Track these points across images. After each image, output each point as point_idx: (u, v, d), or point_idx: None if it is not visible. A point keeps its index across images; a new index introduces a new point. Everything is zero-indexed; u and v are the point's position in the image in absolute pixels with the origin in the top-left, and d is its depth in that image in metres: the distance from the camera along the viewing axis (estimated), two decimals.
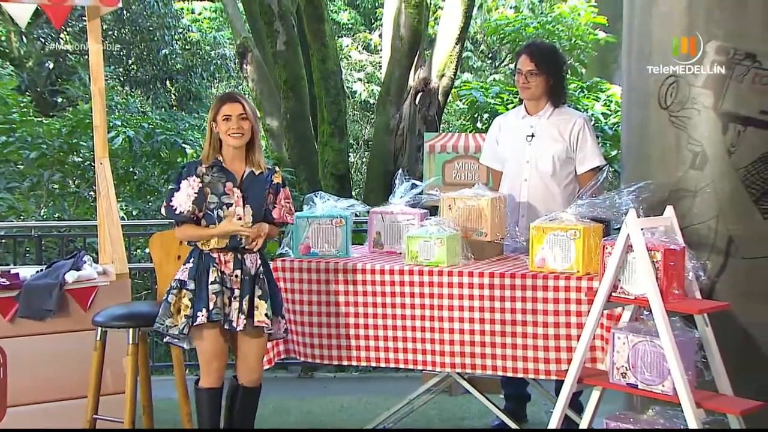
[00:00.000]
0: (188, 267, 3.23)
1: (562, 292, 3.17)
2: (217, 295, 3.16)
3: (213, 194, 3.21)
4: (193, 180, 3.20)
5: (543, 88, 3.77)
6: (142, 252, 7.20)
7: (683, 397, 2.58)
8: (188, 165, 3.28)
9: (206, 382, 3.25)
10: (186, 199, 3.18)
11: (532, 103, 3.84)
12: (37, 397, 3.66)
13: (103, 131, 4.16)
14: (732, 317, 3.02)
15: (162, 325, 3.18)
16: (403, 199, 3.83)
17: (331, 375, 5.40)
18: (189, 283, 3.19)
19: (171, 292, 3.21)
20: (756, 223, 3.04)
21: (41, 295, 3.64)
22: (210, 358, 3.23)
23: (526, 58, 3.76)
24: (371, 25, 16.36)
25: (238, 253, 3.23)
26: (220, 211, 3.20)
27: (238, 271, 3.22)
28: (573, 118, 3.80)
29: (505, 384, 4.03)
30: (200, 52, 14.95)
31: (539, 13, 12.40)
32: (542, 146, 3.77)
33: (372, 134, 11.82)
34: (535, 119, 3.83)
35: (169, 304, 3.19)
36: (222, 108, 3.23)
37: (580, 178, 3.78)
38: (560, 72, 3.83)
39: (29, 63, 12.98)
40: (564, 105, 3.86)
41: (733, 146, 3.05)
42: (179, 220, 3.22)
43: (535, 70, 3.73)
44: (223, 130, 3.23)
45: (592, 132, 3.80)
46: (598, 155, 3.77)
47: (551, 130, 3.78)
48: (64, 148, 7.45)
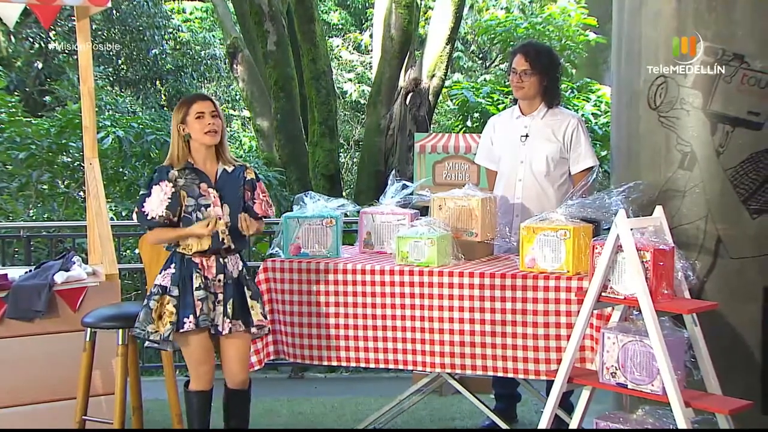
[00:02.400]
0: (170, 272, 3.17)
1: (552, 292, 3.18)
2: (203, 301, 3.13)
3: (189, 197, 3.16)
4: (166, 185, 3.13)
5: (537, 88, 3.77)
6: (131, 252, 7.18)
7: (672, 397, 2.59)
8: (159, 170, 3.19)
9: (195, 385, 3.25)
10: (158, 204, 3.11)
11: (526, 103, 3.84)
12: (25, 398, 3.65)
13: (92, 131, 4.14)
14: (721, 317, 3.04)
15: (143, 331, 3.13)
16: (393, 199, 3.83)
17: (321, 375, 5.40)
18: (172, 289, 3.14)
19: (152, 298, 3.15)
20: (744, 223, 3.06)
21: (30, 295, 3.63)
22: (197, 363, 3.21)
23: (520, 57, 3.76)
24: (362, 25, 16.36)
25: (220, 257, 3.20)
26: (199, 213, 3.16)
27: (221, 275, 3.19)
28: (567, 118, 3.81)
29: (495, 384, 4.03)
30: (190, 52, 14.91)
31: (530, 13, 12.42)
32: (536, 146, 3.78)
33: (362, 134, 11.83)
34: (529, 119, 3.83)
35: (150, 310, 3.13)
36: (193, 107, 3.18)
37: (574, 178, 3.78)
38: (555, 72, 3.83)
39: (18, 63, 12.91)
40: (558, 105, 3.86)
41: (721, 146, 3.06)
42: (151, 226, 3.16)
43: (530, 69, 3.74)
44: (197, 129, 3.17)
45: (586, 132, 3.81)
46: (592, 155, 3.78)
47: (545, 131, 3.79)
48: (53, 149, 7.41)
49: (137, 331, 3.16)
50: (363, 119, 13.43)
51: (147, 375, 4.98)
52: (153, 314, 3.13)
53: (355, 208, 3.85)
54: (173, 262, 3.20)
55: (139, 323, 3.14)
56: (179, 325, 3.11)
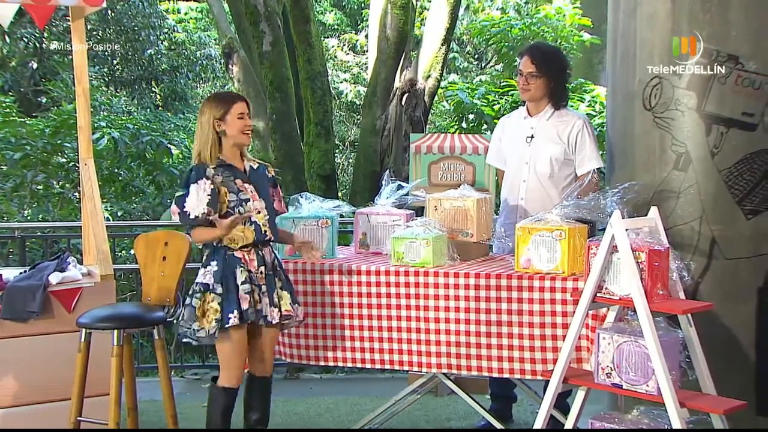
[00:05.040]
0: (211, 270, 3.22)
1: (548, 292, 3.18)
2: (250, 294, 3.22)
3: (231, 192, 3.24)
4: (204, 182, 3.18)
5: (543, 90, 3.76)
6: (127, 253, 7.17)
7: (667, 397, 2.60)
8: (195, 169, 3.23)
9: (228, 381, 3.30)
10: (198, 203, 3.17)
11: (533, 104, 3.84)
12: (20, 400, 3.63)
13: (87, 132, 4.13)
14: (715, 317, 3.04)
15: (189, 329, 3.19)
16: (389, 200, 3.83)
17: (317, 376, 5.39)
18: (216, 286, 3.20)
19: (195, 296, 3.20)
20: (739, 223, 3.07)
21: (25, 296, 3.62)
22: (236, 357, 3.28)
23: (527, 59, 3.76)
24: (357, 25, 16.36)
25: (258, 250, 3.29)
26: (241, 208, 3.24)
27: (262, 267, 3.28)
28: (573, 119, 3.79)
29: (492, 384, 4.04)
30: (186, 53, 14.88)
31: (525, 14, 12.44)
32: (541, 148, 3.77)
33: (358, 135, 11.83)
34: (536, 120, 3.83)
35: (194, 308, 3.19)
36: (234, 106, 3.25)
37: (580, 180, 3.77)
38: (562, 74, 3.82)
39: (12, 63, 12.88)
40: (565, 107, 3.85)
41: (716, 147, 3.07)
42: (194, 225, 3.22)
43: (536, 72, 3.73)
44: (237, 128, 3.25)
45: (593, 133, 3.79)
46: (597, 157, 3.75)
47: (550, 132, 3.78)
48: (48, 149, 7.40)
49: (183, 329, 3.21)
50: (359, 120, 13.44)
51: (142, 376, 4.97)
52: (197, 312, 3.19)
53: (350, 209, 3.85)
54: (214, 259, 3.24)
55: (184, 322, 3.21)
56: (224, 321, 3.17)
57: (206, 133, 3.25)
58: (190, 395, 4.80)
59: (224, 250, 3.24)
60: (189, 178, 3.22)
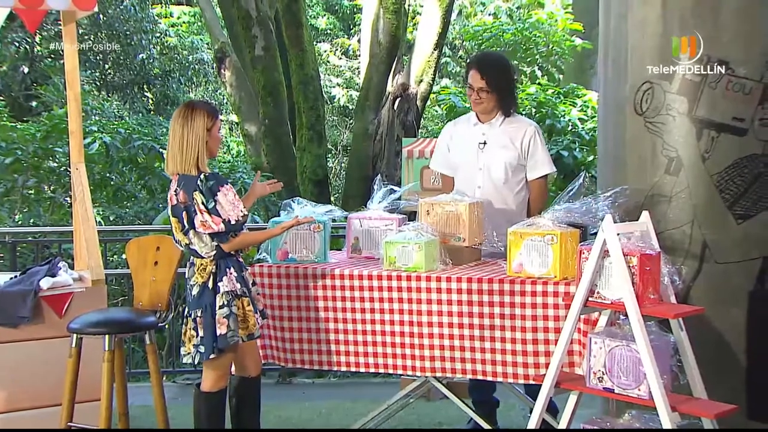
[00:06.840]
0: (233, 276, 3.25)
1: (540, 297, 3.19)
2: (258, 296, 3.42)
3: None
4: (227, 188, 3.20)
5: (495, 102, 3.83)
6: (118, 258, 7.14)
7: (659, 401, 2.60)
8: (212, 176, 3.20)
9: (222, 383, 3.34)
10: (233, 207, 3.18)
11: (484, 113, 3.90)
12: (11, 405, 3.62)
13: (78, 136, 4.12)
14: (707, 321, 3.05)
15: (238, 337, 3.25)
16: (381, 204, 3.83)
17: (309, 381, 5.39)
18: (245, 291, 3.28)
19: (232, 306, 3.22)
20: (730, 228, 3.08)
21: (15, 301, 3.60)
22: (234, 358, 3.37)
23: (476, 74, 3.79)
24: (350, 30, 16.39)
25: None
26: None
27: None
28: (524, 126, 3.86)
29: (473, 392, 4.01)
30: (178, 57, 14.88)
31: (517, 19, 12.48)
32: (494, 154, 3.82)
33: (350, 140, 11.84)
34: (487, 127, 3.87)
35: (236, 317, 3.24)
36: (219, 120, 3.30)
37: (531, 184, 3.85)
38: (511, 84, 3.89)
39: (3, 67, 12.84)
40: (515, 113, 3.91)
41: (707, 152, 3.08)
42: (238, 230, 3.24)
43: (486, 87, 3.78)
44: (218, 141, 3.30)
45: (543, 140, 3.89)
46: (548, 162, 3.85)
47: (503, 138, 3.83)
48: (39, 153, 7.38)
49: (235, 339, 3.24)
50: (351, 124, 13.44)
51: (133, 381, 4.95)
52: (240, 319, 3.26)
53: (342, 214, 3.85)
54: (229, 267, 3.26)
55: (232, 332, 3.22)
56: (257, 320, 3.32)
57: (201, 139, 3.21)
58: (182, 400, 4.78)
59: (235, 257, 3.29)
60: (210, 189, 3.17)
